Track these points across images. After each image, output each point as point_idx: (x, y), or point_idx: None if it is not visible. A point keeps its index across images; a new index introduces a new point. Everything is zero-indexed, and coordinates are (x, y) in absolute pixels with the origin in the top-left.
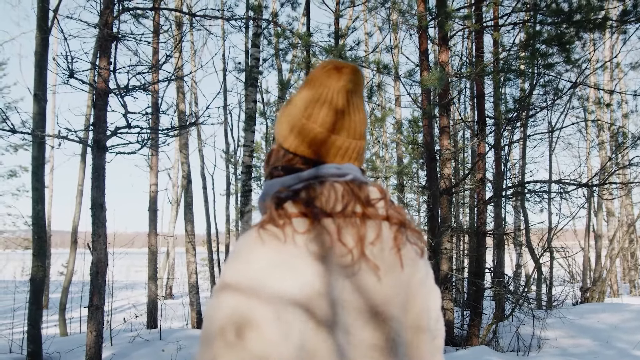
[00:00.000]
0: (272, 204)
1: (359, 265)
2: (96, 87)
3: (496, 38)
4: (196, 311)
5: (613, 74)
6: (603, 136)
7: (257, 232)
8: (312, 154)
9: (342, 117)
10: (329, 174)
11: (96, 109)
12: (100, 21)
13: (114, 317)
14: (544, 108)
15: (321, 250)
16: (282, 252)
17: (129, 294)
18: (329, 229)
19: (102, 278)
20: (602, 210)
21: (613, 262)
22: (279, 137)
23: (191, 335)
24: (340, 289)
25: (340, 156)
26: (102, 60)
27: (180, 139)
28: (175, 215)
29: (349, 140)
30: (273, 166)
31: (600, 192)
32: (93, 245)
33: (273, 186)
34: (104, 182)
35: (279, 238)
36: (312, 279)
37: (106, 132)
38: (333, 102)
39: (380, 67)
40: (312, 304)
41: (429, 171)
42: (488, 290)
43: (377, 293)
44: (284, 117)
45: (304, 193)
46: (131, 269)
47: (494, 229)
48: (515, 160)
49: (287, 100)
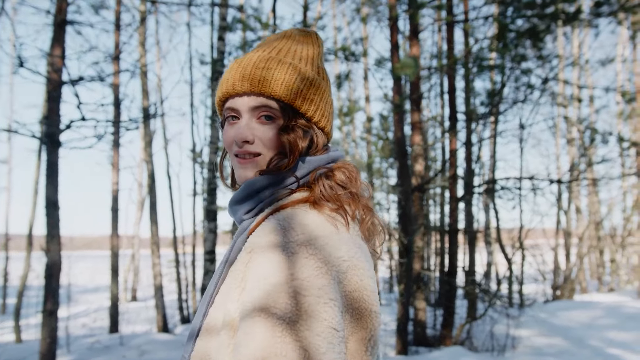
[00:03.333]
0: (333, 185)
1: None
2: (49, 77)
3: (467, 29)
4: (162, 314)
5: (582, 70)
6: (573, 133)
7: (329, 218)
8: (329, 136)
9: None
10: (342, 155)
11: (50, 101)
12: (54, 7)
13: (76, 321)
14: (517, 102)
15: (364, 243)
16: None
17: (92, 297)
18: (372, 221)
19: (56, 281)
20: (571, 209)
21: (582, 260)
22: (317, 114)
23: (155, 339)
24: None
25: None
26: (55, 48)
27: (145, 137)
28: (140, 216)
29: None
30: (308, 146)
31: (571, 188)
32: (47, 247)
33: (313, 162)
34: (57, 180)
35: (346, 226)
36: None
37: (59, 125)
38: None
39: (347, 54)
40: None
41: (400, 167)
42: (459, 289)
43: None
44: (322, 93)
45: (342, 175)
46: (96, 272)
47: (466, 227)
48: (485, 158)
49: (308, 69)
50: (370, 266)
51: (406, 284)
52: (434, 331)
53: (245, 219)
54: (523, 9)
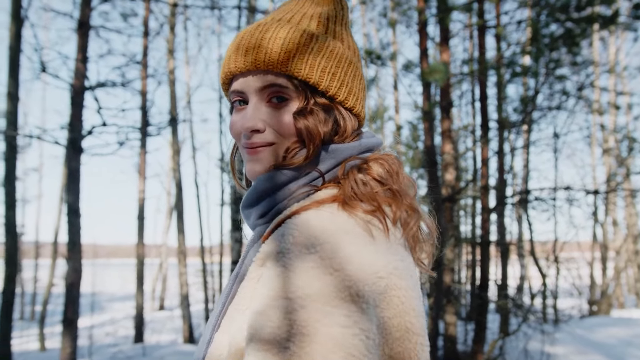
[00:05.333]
0: (367, 181)
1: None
2: (72, 83)
3: (499, 34)
4: (188, 324)
5: (619, 77)
6: (609, 142)
7: (364, 223)
8: (361, 119)
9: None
10: (379, 143)
11: (73, 107)
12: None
13: (101, 330)
14: (551, 109)
15: (407, 253)
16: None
17: (120, 305)
18: (418, 225)
19: (76, 290)
20: (608, 221)
21: (619, 274)
22: (342, 91)
23: (179, 350)
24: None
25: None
26: (78, 54)
27: (173, 145)
28: (169, 225)
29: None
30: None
31: (608, 200)
32: (68, 255)
33: (341, 152)
34: (79, 186)
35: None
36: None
37: (81, 131)
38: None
39: (374, 58)
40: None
41: (430, 177)
42: (491, 303)
43: None
44: (346, 65)
45: (379, 168)
46: (126, 280)
47: (498, 239)
48: (518, 168)
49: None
50: (415, 283)
51: (436, 298)
52: (465, 347)
53: (258, 224)
54: (557, 12)
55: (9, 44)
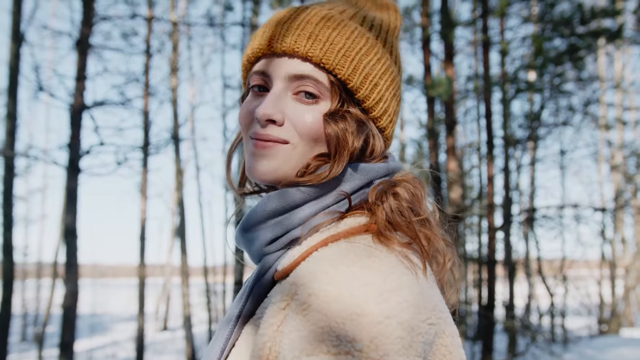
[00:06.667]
0: (403, 208)
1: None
2: (71, 103)
3: (504, 49)
4: (190, 346)
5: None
6: (617, 159)
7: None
8: (388, 145)
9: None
10: (401, 168)
11: (72, 126)
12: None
13: (103, 351)
14: (557, 125)
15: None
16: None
17: (124, 326)
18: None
19: (72, 312)
20: (616, 239)
21: (629, 292)
22: (379, 106)
23: None
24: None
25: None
26: (77, 73)
27: (176, 165)
28: (172, 244)
29: None
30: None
31: (616, 217)
32: (65, 276)
33: (371, 172)
34: (76, 207)
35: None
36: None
37: (79, 151)
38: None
39: None
40: None
41: (435, 195)
42: (498, 323)
43: None
44: (391, 81)
45: (405, 193)
46: (131, 300)
47: (505, 258)
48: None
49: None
50: (456, 329)
51: None
52: None
53: (268, 252)
54: (561, 26)
55: (8, 64)
